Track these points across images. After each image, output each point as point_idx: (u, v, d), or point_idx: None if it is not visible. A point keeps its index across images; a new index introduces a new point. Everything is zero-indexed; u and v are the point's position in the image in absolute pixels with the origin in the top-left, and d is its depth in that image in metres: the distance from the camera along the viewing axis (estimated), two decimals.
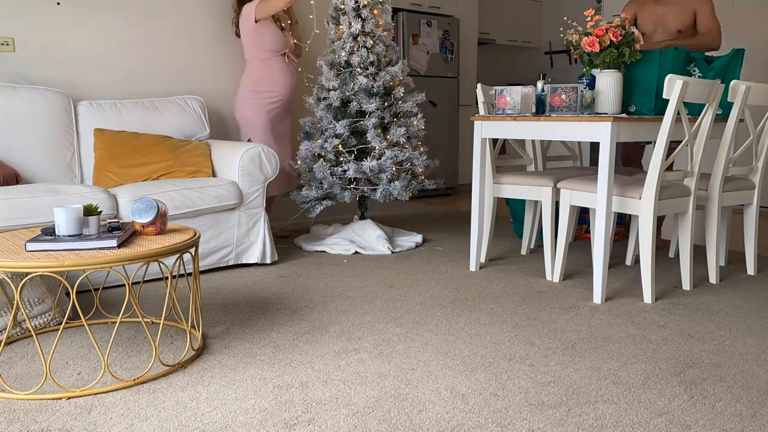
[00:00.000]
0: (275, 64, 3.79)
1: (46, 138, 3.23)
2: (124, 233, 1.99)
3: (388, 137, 3.64)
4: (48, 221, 2.68)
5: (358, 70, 3.63)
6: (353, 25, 3.60)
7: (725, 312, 2.60)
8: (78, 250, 1.86)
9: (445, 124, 6.36)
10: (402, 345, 2.22)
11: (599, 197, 2.70)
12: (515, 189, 3.21)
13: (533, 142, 3.75)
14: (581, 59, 2.98)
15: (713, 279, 3.06)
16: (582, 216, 4.03)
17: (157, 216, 2.11)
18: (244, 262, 3.32)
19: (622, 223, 4.00)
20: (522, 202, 3.91)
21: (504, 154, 6.92)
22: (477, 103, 6.58)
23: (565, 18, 3.55)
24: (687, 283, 2.93)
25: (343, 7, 3.67)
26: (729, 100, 2.92)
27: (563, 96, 2.88)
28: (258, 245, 3.31)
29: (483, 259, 3.44)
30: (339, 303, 2.71)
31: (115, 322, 2.47)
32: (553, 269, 3.09)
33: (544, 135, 2.87)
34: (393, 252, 3.69)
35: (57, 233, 1.94)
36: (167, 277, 2.96)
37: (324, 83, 3.70)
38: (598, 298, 2.73)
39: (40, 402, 1.78)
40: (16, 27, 3.41)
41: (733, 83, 2.90)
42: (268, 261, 3.36)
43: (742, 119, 3.25)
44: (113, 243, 1.89)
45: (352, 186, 3.69)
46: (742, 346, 2.23)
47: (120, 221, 2.08)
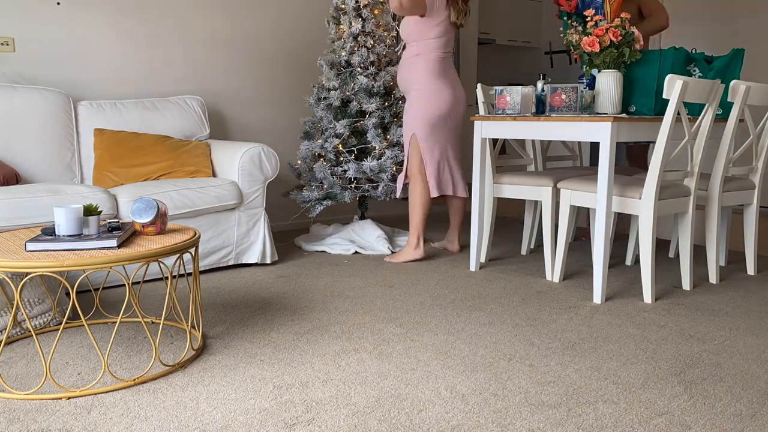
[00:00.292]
0: None
1: (46, 138, 3.23)
2: (124, 233, 1.99)
3: (388, 137, 3.64)
4: (48, 221, 2.68)
5: (358, 69, 3.63)
6: (354, 25, 3.60)
7: (725, 312, 2.60)
8: (78, 250, 1.86)
9: None
10: (402, 345, 2.22)
11: (599, 197, 2.70)
12: (515, 189, 3.21)
13: (533, 142, 3.75)
14: (581, 59, 2.98)
15: (713, 279, 3.06)
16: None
17: (157, 216, 2.11)
18: (244, 262, 3.32)
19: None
20: None
21: (504, 154, 6.92)
22: (477, 103, 6.58)
23: (565, 18, 3.54)
24: (687, 283, 2.93)
25: (344, 7, 3.67)
26: (729, 100, 2.92)
27: (563, 96, 2.88)
28: (258, 245, 3.32)
29: (483, 259, 3.44)
30: (339, 303, 2.71)
31: (115, 322, 2.47)
32: (553, 269, 3.09)
33: (544, 135, 2.87)
34: (393, 252, 3.68)
35: (57, 233, 1.94)
36: (167, 277, 2.96)
37: (324, 83, 3.70)
38: (598, 298, 2.73)
39: (40, 402, 1.78)
40: (16, 27, 3.41)
41: (733, 83, 2.90)
42: (268, 261, 3.36)
43: (742, 119, 3.25)
44: (113, 243, 1.89)
45: (352, 186, 3.69)
46: (742, 346, 2.23)
47: (120, 221, 2.08)
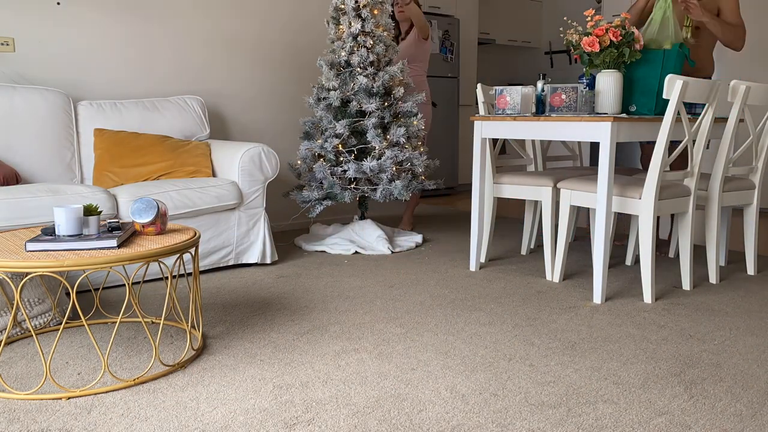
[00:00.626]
0: None
1: (46, 138, 3.23)
2: (124, 233, 1.99)
3: (388, 137, 3.64)
4: (48, 221, 2.68)
5: (357, 69, 3.63)
6: (353, 25, 3.60)
7: (725, 312, 2.60)
8: (78, 250, 1.86)
9: (445, 124, 6.36)
10: (402, 345, 2.22)
11: (599, 197, 2.70)
12: (515, 189, 3.21)
13: (533, 142, 3.75)
14: (581, 59, 2.98)
15: (713, 279, 3.06)
16: None
17: (157, 216, 2.11)
18: (244, 262, 3.32)
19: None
20: None
21: (504, 154, 6.92)
22: (477, 103, 6.58)
23: (565, 18, 3.54)
24: (687, 283, 2.93)
25: (343, 7, 3.67)
26: (729, 100, 2.92)
27: (563, 96, 2.88)
28: (258, 245, 3.31)
29: (483, 259, 3.44)
30: (339, 303, 2.71)
31: (115, 322, 2.47)
32: (553, 269, 3.09)
33: (544, 135, 2.87)
34: (393, 252, 3.68)
35: (57, 233, 1.94)
36: (167, 277, 2.96)
37: (324, 83, 3.70)
38: (598, 298, 2.73)
39: (40, 402, 1.78)
40: (16, 27, 3.41)
41: (733, 83, 2.90)
42: (268, 261, 3.36)
43: (742, 119, 3.25)
44: (113, 243, 1.89)
45: (352, 186, 3.69)
46: (742, 346, 2.23)
47: (120, 221, 2.08)
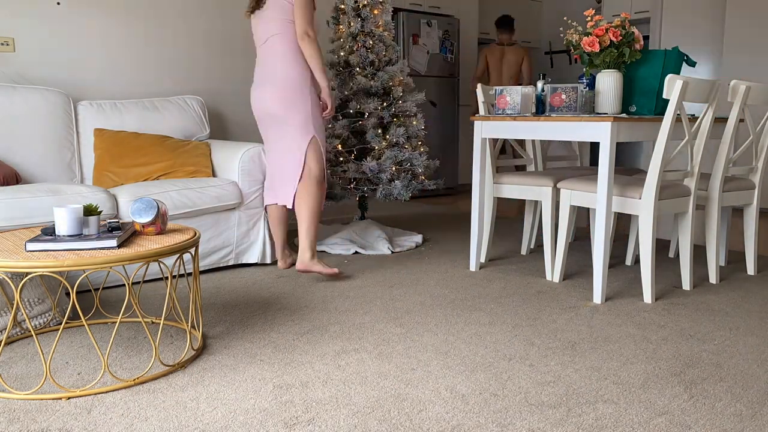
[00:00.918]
0: None
1: (46, 138, 3.23)
2: (124, 233, 1.99)
3: (387, 137, 3.64)
4: (48, 221, 2.68)
5: (357, 69, 3.62)
6: (353, 25, 3.59)
7: (725, 312, 2.60)
8: (78, 250, 1.86)
9: (445, 124, 6.36)
10: (402, 345, 2.22)
11: (599, 197, 2.70)
12: (515, 189, 3.21)
13: (533, 142, 3.75)
14: (581, 59, 2.98)
15: (713, 279, 3.06)
16: None
17: (157, 216, 2.11)
18: (244, 262, 3.32)
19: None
20: None
21: (504, 154, 6.91)
22: (477, 103, 6.58)
23: (565, 18, 3.54)
24: (687, 283, 2.93)
25: (343, 7, 3.67)
26: (729, 100, 2.92)
27: (563, 96, 2.88)
28: (258, 245, 3.31)
29: (483, 259, 3.44)
30: (339, 303, 2.71)
31: (115, 322, 2.47)
32: (553, 269, 3.09)
33: (544, 135, 2.87)
34: (393, 252, 3.68)
35: (57, 233, 1.94)
36: (167, 277, 2.96)
37: None
38: (598, 298, 2.73)
39: (40, 402, 1.78)
40: (16, 27, 3.41)
41: (733, 83, 2.90)
42: (268, 261, 3.36)
43: (742, 119, 3.25)
44: (113, 243, 1.89)
45: (352, 186, 3.68)
46: (742, 346, 2.22)
47: (120, 221, 2.08)
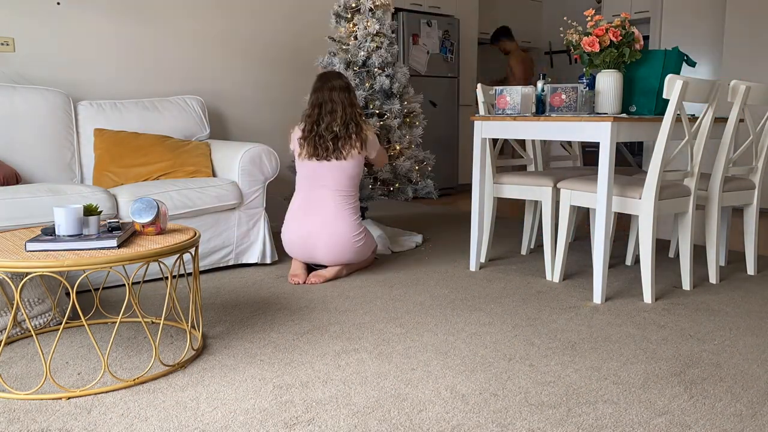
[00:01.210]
0: None
1: (46, 138, 3.23)
2: (124, 233, 1.99)
3: (408, 137, 3.64)
4: (48, 221, 2.68)
5: (376, 70, 3.60)
6: (371, 26, 3.57)
7: (725, 312, 2.60)
8: (78, 250, 1.86)
9: (445, 124, 6.36)
10: (402, 345, 2.22)
11: (599, 197, 2.70)
12: (515, 189, 3.21)
13: (533, 142, 3.75)
14: (581, 59, 2.98)
15: (713, 279, 3.06)
16: None
17: (157, 216, 2.11)
18: (244, 262, 3.32)
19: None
20: None
21: (504, 154, 6.91)
22: (477, 103, 6.58)
23: (565, 18, 3.54)
24: (687, 283, 2.93)
25: (356, 6, 3.64)
26: (729, 100, 2.92)
27: (563, 96, 2.88)
28: (258, 245, 3.31)
29: (483, 259, 3.44)
30: (339, 303, 2.71)
31: (115, 322, 2.47)
32: (553, 269, 3.09)
33: (544, 135, 2.87)
34: (393, 252, 3.68)
35: (57, 233, 1.94)
36: (167, 277, 2.96)
37: None
38: (598, 298, 2.73)
39: (40, 402, 1.78)
40: (16, 27, 3.41)
41: (733, 83, 2.90)
42: (268, 261, 3.36)
43: (742, 119, 3.25)
44: (113, 243, 1.89)
45: (378, 185, 3.68)
46: (742, 346, 2.23)
47: (120, 221, 2.08)
